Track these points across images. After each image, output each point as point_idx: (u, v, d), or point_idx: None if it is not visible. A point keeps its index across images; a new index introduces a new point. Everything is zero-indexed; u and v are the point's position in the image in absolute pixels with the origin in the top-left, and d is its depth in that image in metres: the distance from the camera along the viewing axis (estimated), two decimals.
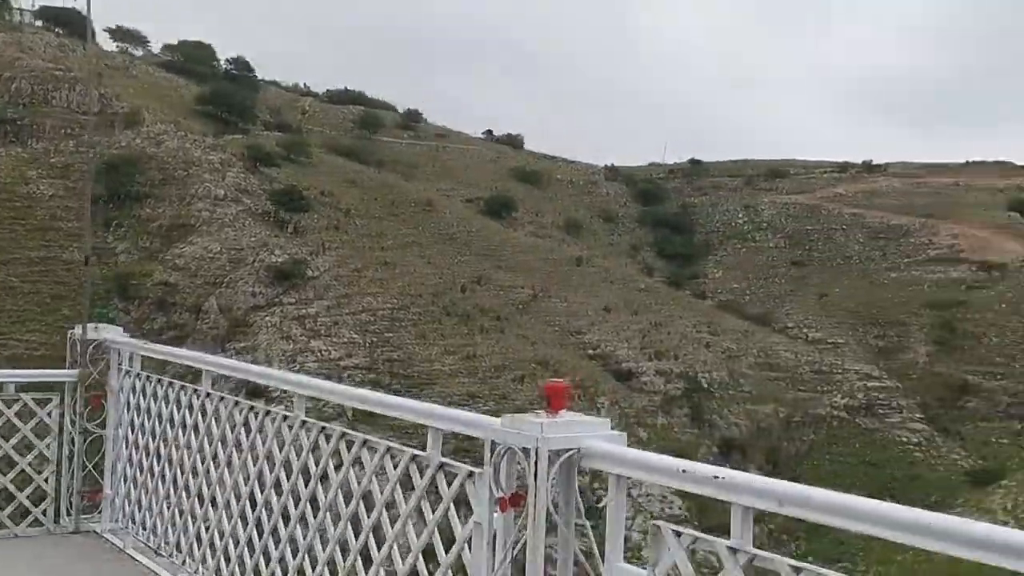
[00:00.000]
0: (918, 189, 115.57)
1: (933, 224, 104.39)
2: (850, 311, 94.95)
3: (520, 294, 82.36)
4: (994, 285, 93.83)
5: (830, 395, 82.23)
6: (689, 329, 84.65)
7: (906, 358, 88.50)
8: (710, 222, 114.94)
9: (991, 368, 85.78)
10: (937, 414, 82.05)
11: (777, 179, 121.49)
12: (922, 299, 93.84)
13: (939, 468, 75.50)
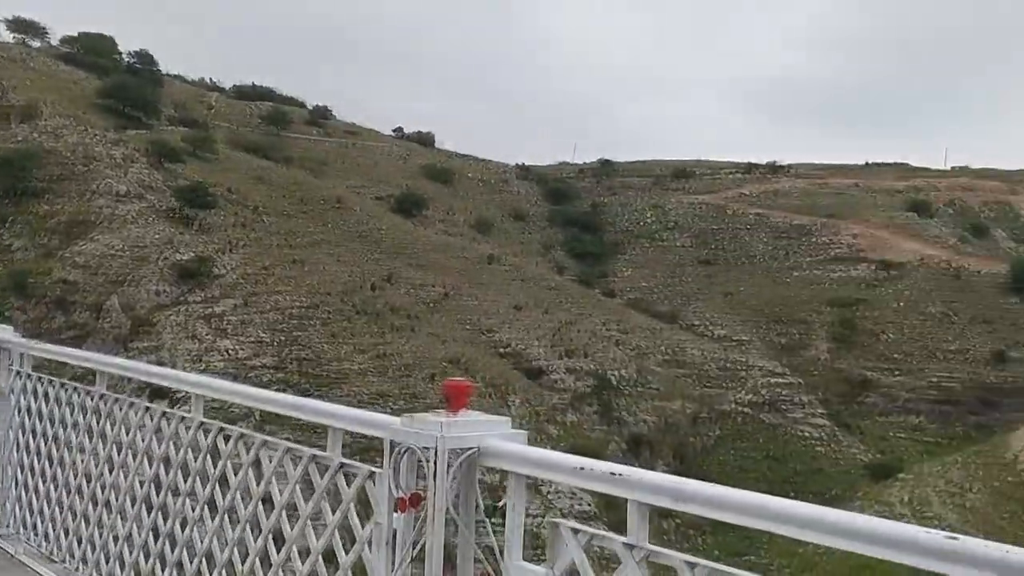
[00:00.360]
0: (820, 190, 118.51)
1: (835, 224, 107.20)
2: (755, 309, 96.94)
3: (431, 292, 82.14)
4: (892, 283, 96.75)
5: (735, 391, 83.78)
6: (599, 327, 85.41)
7: (808, 355, 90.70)
8: (620, 221, 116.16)
9: (889, 364, 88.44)
10: (838, 409, 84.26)
11: (685, 179, 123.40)
12: (824, 297, 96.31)
13: (840, 462, 77.46)
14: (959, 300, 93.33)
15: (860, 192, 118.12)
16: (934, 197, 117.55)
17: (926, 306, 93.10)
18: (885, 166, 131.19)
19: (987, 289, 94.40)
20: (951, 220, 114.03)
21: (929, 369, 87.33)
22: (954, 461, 64.34)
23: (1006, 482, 57.75)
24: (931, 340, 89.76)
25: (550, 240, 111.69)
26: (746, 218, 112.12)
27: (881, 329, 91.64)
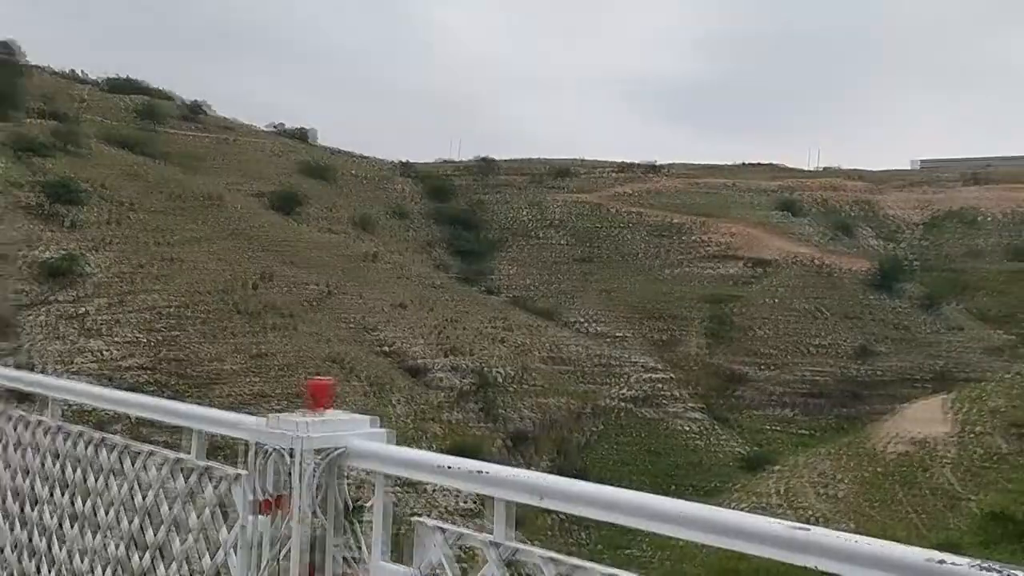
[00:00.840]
0: (696, 189, 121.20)
1: (709, 223, 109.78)
2: (633, 306, 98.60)
3: (312, 291, 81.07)
4: (764, 281, 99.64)
5: (615, 387, 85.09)
6: (481, 325, 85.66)
7: (684, 350, 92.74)
8: (500, 219, 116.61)
9: (762, 359, 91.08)
10: (714, 403, 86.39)
11: (564, 178, 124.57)
12: (699, 294, 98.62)
13: (717, 455, 79.42)
14: (827, 296, 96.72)
15: (734, 191, 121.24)
16: (804, 197, 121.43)
17: (795, 302, 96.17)
18: (757, 166, 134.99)
19: (852, 286, 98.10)
20: (819, 219, 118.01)
21: (799, 363, 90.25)
22: (824, 452, 66.59)
23: (873, 472, 60.05)
24: (801, 335, 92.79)
25: (432, 238, 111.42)
26: (624, 216, 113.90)
27: (754, 325, 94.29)
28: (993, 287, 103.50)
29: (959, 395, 66.31)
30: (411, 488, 52.61)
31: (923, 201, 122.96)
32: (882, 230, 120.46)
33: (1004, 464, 55.04)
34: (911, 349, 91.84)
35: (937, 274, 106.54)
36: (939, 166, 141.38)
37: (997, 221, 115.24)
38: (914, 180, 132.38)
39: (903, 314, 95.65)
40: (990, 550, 20.70)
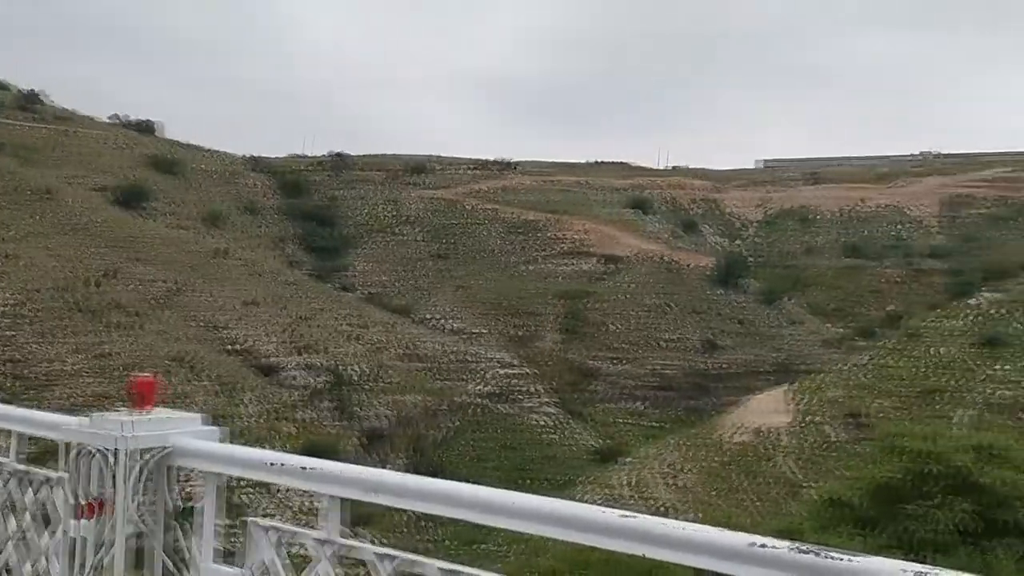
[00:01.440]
0: (550, 187, 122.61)
1: (563, 220, 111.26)
2: (489, 302, 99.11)
3: (159, 288, 78.43)
4: (616, 277, 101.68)
5: (471, 383, 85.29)
6: (335, 322, 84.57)
7: (540, 346, 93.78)
8: (355, 215, 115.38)
9: (614, 354, 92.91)
10: (567, 398, 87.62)
11: (420, 174, 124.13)
12: (554, 290, 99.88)
13: (570, 448, 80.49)
14: (675, 292, 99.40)
15: (587, 190, 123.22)
16: (653, 195, 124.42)
17: (645, 298, 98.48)
18: (610, 165, 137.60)
19: (698, 282, 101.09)
20: (668, 217, 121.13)
21: (649, 357, 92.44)
22: (672, 444, 68.40)
23: (716, 462, 62.00)
24: (651, 330, 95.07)
25: (284, 234, 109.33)
26: (480, 213, 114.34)
27: (607, 320, 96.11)
28: (828, 282, 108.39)
29: (798, 386, 69.15)
30: (264, 489, 51.55)
31: (763, 200, 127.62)
32: (725, 228, 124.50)
33: (840, 452, 57.65)
34: (753, 342, 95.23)
35: (776, 270, 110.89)
36: (780, 166, 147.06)
37: (832, 219, 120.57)
38: (756, 179, 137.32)
39: (745, 309, 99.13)
40: (827, 534, 21.61)
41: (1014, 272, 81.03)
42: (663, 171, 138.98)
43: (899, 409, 58.86)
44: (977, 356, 60.16)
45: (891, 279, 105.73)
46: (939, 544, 20.25)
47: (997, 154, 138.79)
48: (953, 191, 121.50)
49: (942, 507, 20.67)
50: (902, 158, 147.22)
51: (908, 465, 21.50)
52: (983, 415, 55.07)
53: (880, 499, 21.99)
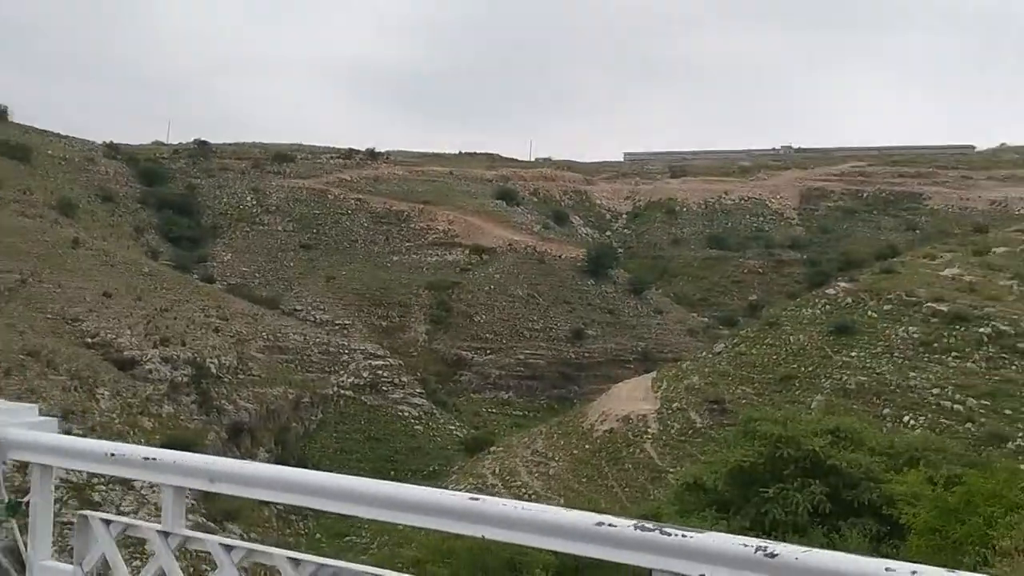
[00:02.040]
0: (417, 177, 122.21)
1: (431, 210, 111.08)
2: (357, 293, 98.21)
3: (6, 279, 74.86)
4: (484, 267, 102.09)
5: (338, 375, 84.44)
6: (197, 314, 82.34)
7: (407, 336, 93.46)
8: (218, 204, 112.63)
9: (482, 344, 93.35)
10: (435, 388, 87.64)
11: (285, 163, 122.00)
12: (422, 281, 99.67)
13: (438, 439, 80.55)
14: (543, 282, 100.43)
15: (454, 180, 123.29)
16: (520, 186, 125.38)
17: (514, 288, 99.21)
18: (477, 155, 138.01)
19: (566, 272, 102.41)
20: (535, 208, 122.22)
21: (517, 347, 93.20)
22: (539, 432, 69.05)
23: (583, 449, 62.90)
24: (519, 320, 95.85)
25: (143, 223, 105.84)
26: (346, 203, 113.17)
27: (474, 311, 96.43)
28: (691, 273, 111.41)
29: (660, 374, 70.74)
30: (126, 486, 49.94)
31: (631, 192, 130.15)
32: (594, 219, 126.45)
33: (699, 437, 59.24)
34: (620, 331, 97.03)
35: (643, 261, 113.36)
36: (645, 159, 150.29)
37: (697, 211, 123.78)
38: (623, 172, 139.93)
39: (612, 299, 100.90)
40: (686, 517, 22.19)
41: (865, 262, 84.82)
42: (531, 163, 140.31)
43: (759, 395, 60.79)
44: (831, 343, 62.59)
45: (752, 270, 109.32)
46: (795, 525, 21.07)
47: (851, 149, 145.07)
48: (810, 185, 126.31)
49: (798, 489, 21.53)
50: (763, 152, 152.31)
51: (764, 449, 22.31)
52: (834, 400, 57.40)
53: (738, 482, 22.74)
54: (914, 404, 55.54)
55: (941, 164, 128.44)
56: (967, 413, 53.92)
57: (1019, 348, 57.02)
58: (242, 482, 2.91)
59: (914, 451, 23.21)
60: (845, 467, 21.78)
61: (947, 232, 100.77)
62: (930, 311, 61.63)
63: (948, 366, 57.61)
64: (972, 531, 12.36)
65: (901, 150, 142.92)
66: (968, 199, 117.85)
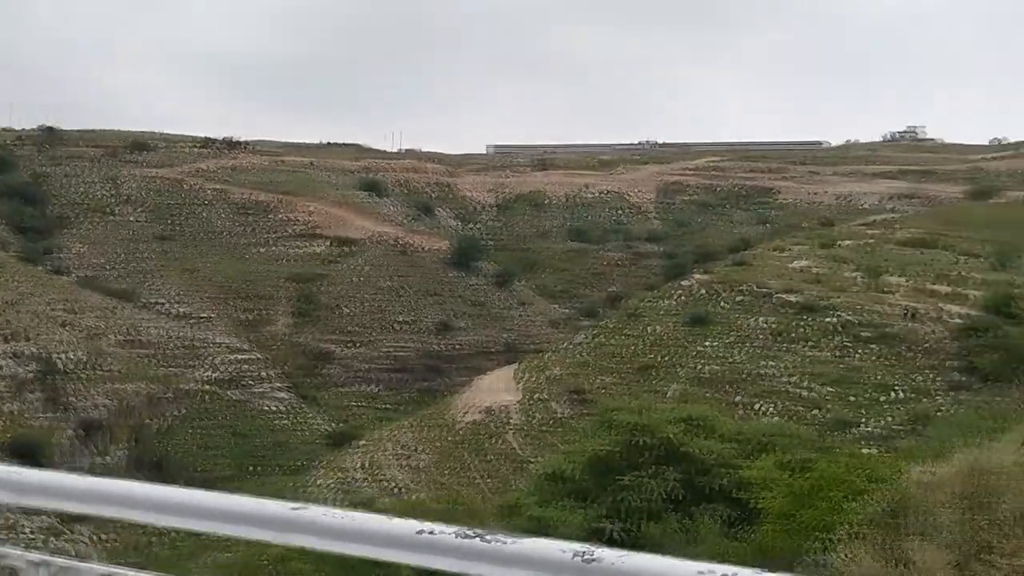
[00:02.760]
0: (279, 167, 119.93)
1: (293, 201, 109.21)
2: (218, 285, 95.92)
3: None
4: (349, 259, 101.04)
5: (199, 369, 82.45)
6: (44, 308, 79.00)
7: (271, 330, 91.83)
8: (68, 194, 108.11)
9: (348, 337, 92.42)
10: (300, 382, 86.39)
11: (141, 152, 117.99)
12: (285, 273, 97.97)
13: (303, 434, 79.47)
14: (409, 275, 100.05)
15: (317, 171, 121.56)
16: (387, 178, 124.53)
17: (380, 280, 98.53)
18: (341, 146, 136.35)
19: (432, 264, 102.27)
20: (401, 200, 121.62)
21: (384, 340, 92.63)
22: (406, 425, 68.91)
23: (448, 442, 63.06)
24: (385, 313, 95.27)
25: None
26: (205, 193, 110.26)
27: (340, 303, 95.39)
28: (555, 265, 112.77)
29: (523, 365, 71.45)
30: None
31: (497, 184, 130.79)
32: (460, 211, 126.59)
33: (561, 427, 60.12)
34: (486, 324, 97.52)
35: (509, 253, 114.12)
36: (511, 151, 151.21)
37: (560, 204, 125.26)
38: (489, 164, 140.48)
39: (479, 291, 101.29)
40: (546, 507, 22.51)
41: (720, 255, 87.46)
42: (396, 154, 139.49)
43: (619, 385, 62.03)
44: (688, 334, 64.37)
45: (613, 262, 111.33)
46: (650, 512, 21.61)
47: (709, 145, 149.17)
48: (668, 179, 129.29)
49: (653, 477, 22.09)
50: (625, 147, 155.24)
51: (621, 438, 22.82)
52: (690, 388, 59.05)
53: (596, 471, 23.19)
54: (766, 392, 57.57)
55: (791, 160, 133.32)
56: (816, 400, 56.24)
57: (864, 337, 59.72)
58: (51, 495, 2.78)
59: (764, 437, 24.06)
60: (698, 454, 22.46)
61: (796, 226, 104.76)
62: (781, 302, 63.98)
63: (798, 355, 59.92)
64: (819, 515, 12.89)
65: (756, 146, 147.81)
66: (816, 194, 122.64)
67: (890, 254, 71.82)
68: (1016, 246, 71.18)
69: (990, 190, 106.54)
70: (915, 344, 58.46)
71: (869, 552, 9.32)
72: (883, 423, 53.51)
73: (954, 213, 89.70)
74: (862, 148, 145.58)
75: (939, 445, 28.20)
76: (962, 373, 55.32)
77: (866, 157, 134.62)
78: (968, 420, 31.24)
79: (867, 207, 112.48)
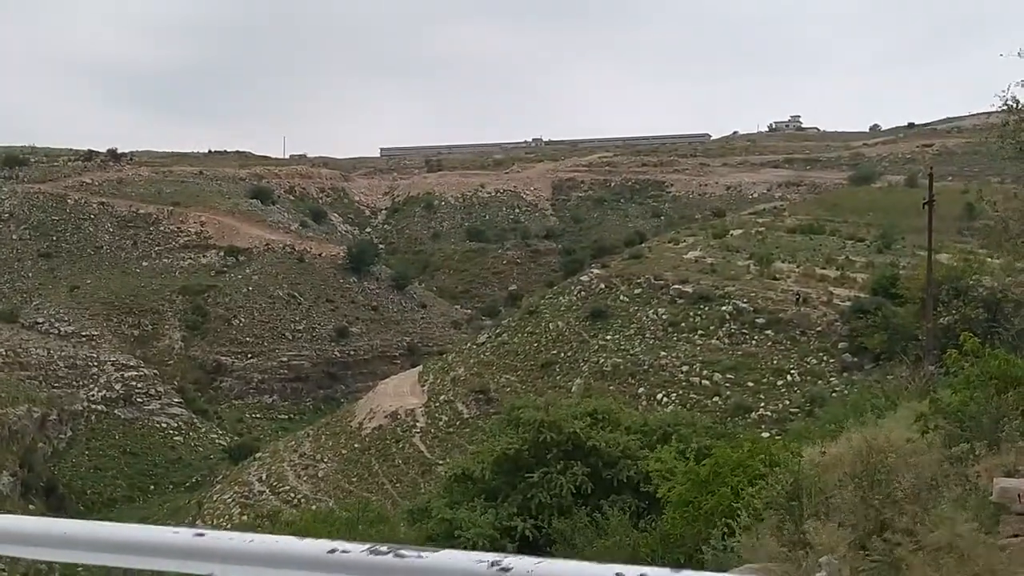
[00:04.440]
0: (165, 178, 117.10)
1: (181, 212, 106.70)
2: (104, 302, 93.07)
3: None
4: (241, 269, 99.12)
5: (87, 389, 80.00)
6: None
7: (162, 345, 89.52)
8: None
9: (242, 348, 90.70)
10: (194, 397, 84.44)
11: (18, 167, 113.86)
12: (175, 286, 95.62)
13: (199, 449, 77.80)
14: (303, 282, 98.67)
15: (204, 180, 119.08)
16: (275, 184, 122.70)
17: (274, 289, 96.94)
18: (227, 154, 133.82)
19: (327, 270, 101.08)
20: (292, 206, 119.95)
21: (279, 349, 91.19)
22: (305, 435, 67.93)
23: (352, 448, 62.38)
24: (280, 322, 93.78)
25: None
26: (89, 208, 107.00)
27: (232, 314, 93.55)
28: (452, 266, 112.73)
29: (427, 367, 71.16)
30: None
31: (389, 187, 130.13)
32: (353, 216, 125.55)
33: (467, 428, 60.05)
34: (385, 328, 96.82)
35: (404, 256, 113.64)
36: (401, 154, 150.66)
37: (455, 205, 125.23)
38: (380, 167, 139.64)
39: (376, 295, 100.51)
40: (456, 508, 22.42)
41: (616, 249, 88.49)
42: (285, 160, 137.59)
43: (523, 382, 62.18)
44: (588, 328, 64.86)
45: (511, 260, 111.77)
46: (560, 507, 21.72)
47: (598, 140, 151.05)
48: (562, 176, 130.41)
49: (561, 472, 22.19)
50: (515, 145, 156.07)
51: (528, 436, 22.86)
52: (593, 382, 59.54)
53: (504, 470, 23.19)
54: (666, 382, 58.36)
55: (681, 153, 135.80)
56: (714, 387, 57.22)
57: (757, 324, 61.00)
58: None
59: (666, 427, 24.37)
60: (604, 447, 22.64)
61: (689, 217, 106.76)
62: (676, 293, 64.94)
63: (695, 344, 60.88)
64: (721, 501, 13.07)
65: (644, 140, 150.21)
66: (706, 185, 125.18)
67: (780, 241, 73.58)
68: (898, 228, 73.74)
69: (871, 175, 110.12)
70: (807, 328, 59.90)
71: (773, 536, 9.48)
72: (780, 407, 54.75)
73: (838, 199, 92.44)
74: (746, 139, 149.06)
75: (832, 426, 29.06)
76: (852, 354, 56.93)
77: (751, 147, 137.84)
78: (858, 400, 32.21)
79: (756, 196, 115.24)
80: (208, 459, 75.99)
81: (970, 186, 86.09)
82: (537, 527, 21.43)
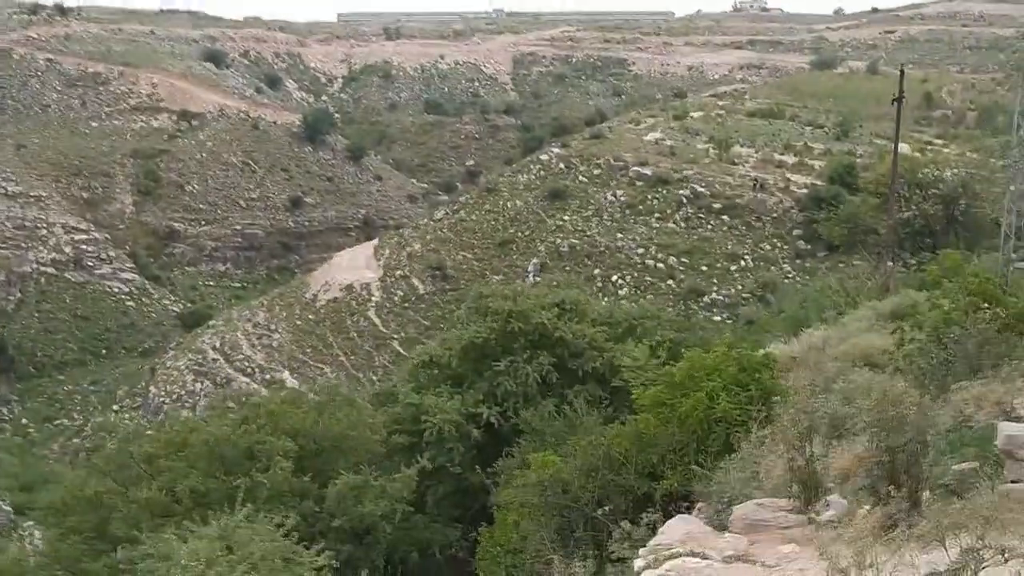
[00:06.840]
0: (115, 36, 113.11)
1: (132, 73, 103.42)
2: (52, 162, 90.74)
3: None
4: (194, 134, 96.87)
5: (36, 251, 78.69)
6: None
7: (113, 209, 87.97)
8: None
9: (195, 215, 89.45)
10: (146, 262, 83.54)
11: None
12: (126, 149, 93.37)
13: (151, 315, 77.41)
14: (257, 150, 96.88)
15: (156, 40, 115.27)
16: (230, 47, 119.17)
17: (228, 156, 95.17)
18: (179, 13, 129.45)
19: (283, 138, 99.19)
20: (247, 71, 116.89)
21: (233, 217, 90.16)
22: (259, 304, 67.80)
23: (306, 320, 62.50)
24: (234, 189, 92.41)
25: None
26: (36, 64, 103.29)
27: (185, 180, 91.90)
28: (411, 139, 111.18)
29: (383, 241, 70.89)
30: None
31: (346, 55, 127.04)
32: (308, 83, 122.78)
33: (423, 304, 60.34)
34: (340, 199, 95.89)
35: (360, 126, 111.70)
36: (358, 19, 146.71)
37: (413, 75, 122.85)
38: (337, 33, 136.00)
39: (331, 166, 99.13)
40: (423, 394, 22.68)
41: (576, 128, 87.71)
42: (240, 22, 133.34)
43: (480, 260, 62.31)
44: (546, 208, 64.72)
45: (470, 135, 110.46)
46: (525, 395, 22.06)
47: (561, 14, 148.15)
48: (523, 50, 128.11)
49: (528, 361, 22.45)
50: (476, 15, 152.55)
51: (496, 325, 23.01)
52: (549, 263, 59.85)
53: (471, 357, 23.41)
54: (621, 264, 58.81)
55: (644, 31, 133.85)
56: (668, 271, 57.85)
57: (714, 208, 61.35)
58: None
59: (632, 320, 24.66)
60: (571, 338, 22.89)
61: (650, 97, 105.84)
62: (635, 175, 64.88)
63: (652, 227, 61.20)
64: (696, 406, 13.34)
65: (607, 16, 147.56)
66: (668, 65, 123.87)
67: (739, 125, 73.45)
68: (857, 116, 73.86)
69: (833, 60, 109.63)
70: (763, 214, 60.42)
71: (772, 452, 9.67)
72: (732, 291, 55.63)
73: (799, 83, 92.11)
74: (710, 19, 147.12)
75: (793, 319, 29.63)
76: (807, 242, 57.71)
77: (714, 27, 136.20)
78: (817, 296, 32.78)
79: (717, 78, 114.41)
80: (161, 325, 75.75)
81: (930, 75, 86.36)
82: (503, 415, 21.78)
